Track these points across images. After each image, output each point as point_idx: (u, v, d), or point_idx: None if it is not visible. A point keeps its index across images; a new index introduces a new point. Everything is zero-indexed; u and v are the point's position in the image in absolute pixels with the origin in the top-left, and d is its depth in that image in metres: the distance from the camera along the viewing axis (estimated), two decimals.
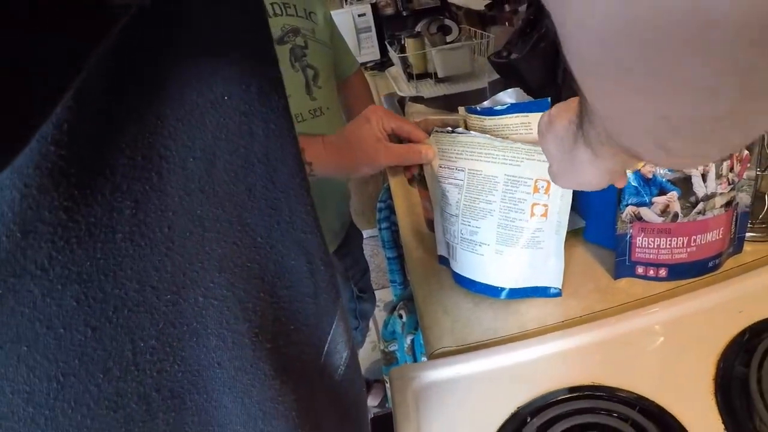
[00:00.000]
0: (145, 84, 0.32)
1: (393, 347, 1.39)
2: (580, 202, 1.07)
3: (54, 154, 0.27)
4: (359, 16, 3.01)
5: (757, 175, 0.97)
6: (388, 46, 2.75)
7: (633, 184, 0.88)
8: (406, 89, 2.26)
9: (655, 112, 0.28)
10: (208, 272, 0.38)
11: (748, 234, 1.02)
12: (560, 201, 0.88)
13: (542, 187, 0.88)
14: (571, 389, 0.78)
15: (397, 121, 0.99)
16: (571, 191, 0.88)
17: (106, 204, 0.31)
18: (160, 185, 0.33)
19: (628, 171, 0.87)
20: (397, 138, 1.01)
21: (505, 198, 0.90)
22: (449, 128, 0.94)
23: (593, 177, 0.58)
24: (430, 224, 1.08)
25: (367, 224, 2.79)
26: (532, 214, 0.89)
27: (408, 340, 1.27)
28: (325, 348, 0.50)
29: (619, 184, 0.72)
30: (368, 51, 3.07)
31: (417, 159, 0.97)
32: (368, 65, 3.00)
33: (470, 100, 2.08)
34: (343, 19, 2.91)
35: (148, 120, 0.32)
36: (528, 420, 0.74)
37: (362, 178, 2.93)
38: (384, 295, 2.66)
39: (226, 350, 0.39)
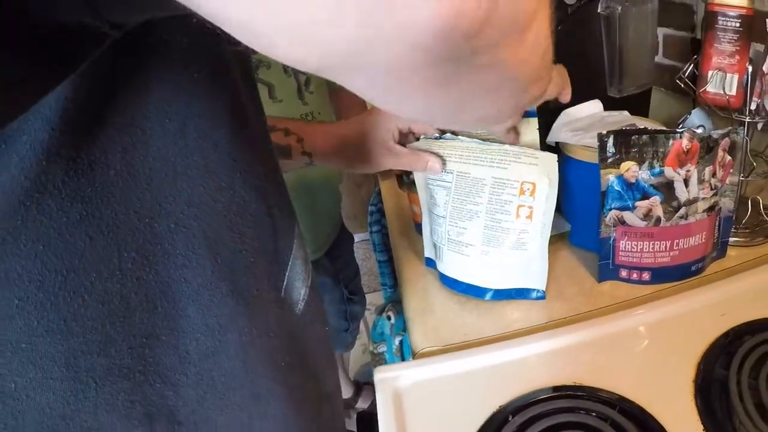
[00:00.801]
0: (133, 66, 0.41)
1: (382, 349, 1.40)
2: (566, 205, 1.08)
3: (71, 110, 0.37)
4: None
5: (740, 180, 0.99)
6: None
7: (616, 188, 0.90)
8: None
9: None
10: (178, 205, 0.47)
11: (732, 239, 1.03)
12: (545, 203, 0.90)
13: (528, 189, 0.89)
14: (553, 389, 0.79)
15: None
16: (556, 194, 0.90)
17: (103, 148, 0.41)
18: (143, 138, 0.43)
19: (611, 176, 0.89)
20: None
21: (492, 200, 0.91)
22: (436, 134, 0.96)
23: None
24: (420, 228, 1.09)
25: (360, 228, 2.79)
26: (518, 216, 0.91)
27: (396, 341, 1.28)
28: (284, 283, 0.58)
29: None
30: None
31: (422, 168, 0.95)
32: None
33: None
34: None
35: (135, 91, 0.42)
36: (509, 418, 0.75)
37: (355, 182, 2.94)
38: (375, 299, 2.66)
39: (191, 269, 0.48)
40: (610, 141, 0.87)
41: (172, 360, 0.48)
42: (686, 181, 0.89)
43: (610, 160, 0.88)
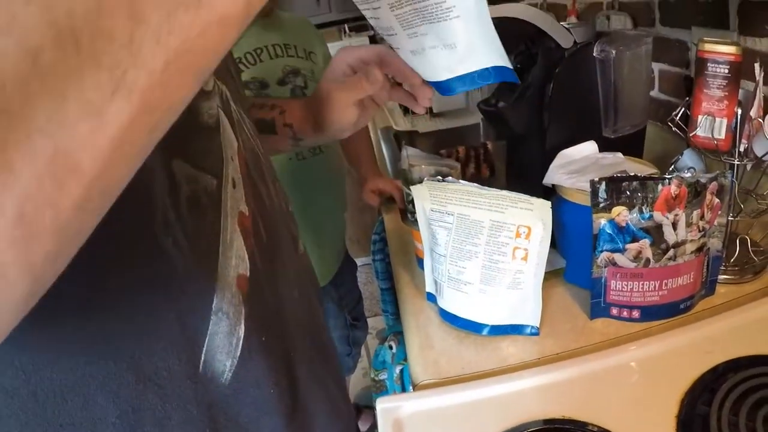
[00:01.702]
0: None
1: (383, 376, 1.44)
2: (561, 243, 1.13)
3: None
4: None
5: (728, 221, 1.03)
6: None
7: (607, 231, 0.94)
8: (402, 123, 2.32)
9: None
10: None
11: (721, 276, 1.08)
12: (539, 246, 0.95)
13: (524, 232, 0.94)
14: (544, 422, 0.83)
15: (358, 52, 0.90)
16: (550, 238, 0.95)
17: None
18: None
19: (602, 220, 0.93)
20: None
21: (490, 241, 0.96)
22: (439, 177, 1.01)
23: None
24: (422, 263, 1.14)
25: (362, 252, 2.84)
26: (514, 257, 0.96)
27: (397, 370, 1.32)
28: (202, 359, 0.56)
29: None
30: None
31: (368, 84, 0.85)
32: None
33: (464, 135, 2.14)
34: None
35: None
36: None
37: (358, 208, 2.98)
38: (376, 323, 2.69)
39: (95, 365, 0.49)
40: (602, 187, 0.92)
41: None
42: (674, 225, 0.93)
43: (601, 205, 0.93)
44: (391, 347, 1.36)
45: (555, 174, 1.11)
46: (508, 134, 1.47)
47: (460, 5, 0.65)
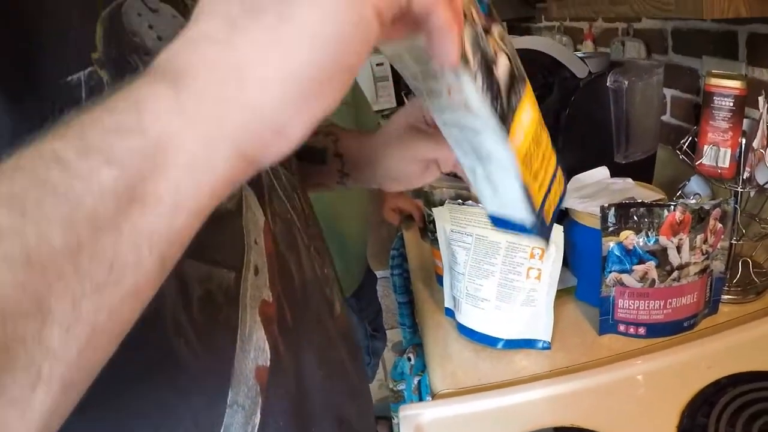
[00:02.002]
0: None
1: (401, 386, 1.49)
2: (573, 262, 1.19)
3: None
4: (377, 65, 3.11)
5: (731, 244, 1.09)
6: (405, 98, 2.84)
7: (616, 254, 1.01)
8: None
9: None
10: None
11: (724, 296, 1.13)
12: (552, 266, 1.02)
13: (537, 253, 1.01)
14: (554, 429, 0.90)
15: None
16: (561, 259, 1.01)
17: None
18: None
19: (611, 243, 1.00)
20: None
21: (506, 261, 1.03)
22: (460, 200, 1.08)
23: None
24: (441, 280, 1.20)
25: (379, 265, 2.86)
26: (528, 277, 1.02)
27: (415, 380, 1.38)
28: None
29: None
30: (385, 99, 3.18)
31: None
32: (384, 113, 3.10)
33: None
34: (361, 68, 3.02)
35: None
36: None
37: (375, 221, 3.03)
38: (393, 336, 2.73)
39: None
40: (611, 212, 0.99)
41: None
42: (679, 248, 0.99)
43: (611, 229, 1.00)
44: (409, 359, 1.42)
45: (568, 198, 1.17)
46: None
47: (496, 155, 0.54)
